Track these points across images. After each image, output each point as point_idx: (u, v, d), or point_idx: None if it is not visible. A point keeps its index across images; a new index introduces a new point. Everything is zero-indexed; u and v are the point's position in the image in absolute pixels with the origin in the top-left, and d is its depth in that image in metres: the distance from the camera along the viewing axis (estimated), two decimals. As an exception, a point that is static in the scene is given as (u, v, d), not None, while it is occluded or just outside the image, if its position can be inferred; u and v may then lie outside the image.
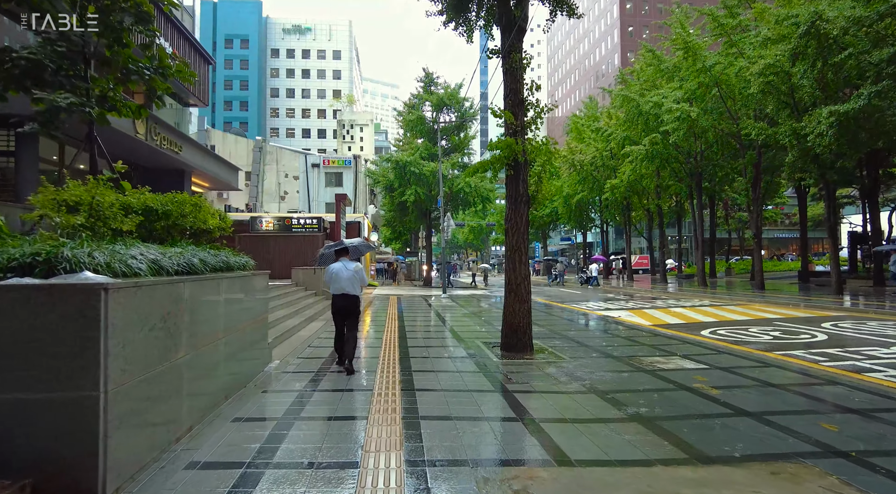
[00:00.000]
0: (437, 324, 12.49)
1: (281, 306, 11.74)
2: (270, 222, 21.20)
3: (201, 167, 13.39)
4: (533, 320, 8.22)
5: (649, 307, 16.59)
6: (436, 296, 22.19)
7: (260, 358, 6.57)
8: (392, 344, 9.05)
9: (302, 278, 16.44)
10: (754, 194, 22.93)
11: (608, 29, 70.92)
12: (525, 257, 8.60)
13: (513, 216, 8.56)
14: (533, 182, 8.29)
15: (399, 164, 28.23)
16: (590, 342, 9.54)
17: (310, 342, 9.20)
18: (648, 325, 12.23)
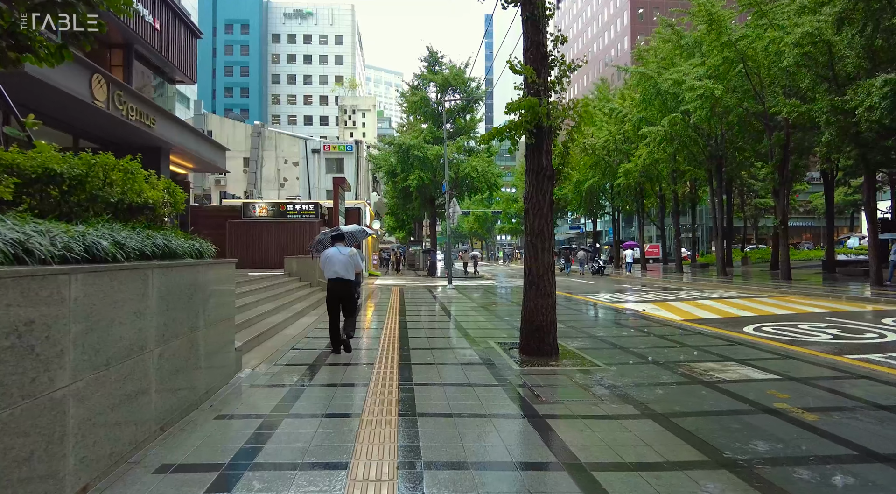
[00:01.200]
0: (444, 319, 11.16)
1: (267, 300, 10.43)
2: (264, 208, 19.88)
3: (181, 145, 12.03)
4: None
5: (673, 299, 15.22)
6: (441, 287, 20.88)
7: (224, 367, 5.26)
8: (391, 344, 7.72)
9: (296, 267, 15.13)
10: (781, 178, 21.41)
11: (617, 11, 68.80)
12: (549, 243, 7.24)
13: (534, 194, 7.19)
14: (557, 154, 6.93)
15: (402, 147, 26.80)
16: (621, 341, 8.19)
17: (295, 343, 7.88)
18: (680, 320, 10.90)
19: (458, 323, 10.27)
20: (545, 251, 7.17)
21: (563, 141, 7.62)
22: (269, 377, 5.69)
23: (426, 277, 29.37)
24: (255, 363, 6.30)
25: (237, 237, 18.28)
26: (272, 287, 12.01)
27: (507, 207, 61.28)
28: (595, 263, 29.61)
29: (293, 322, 9.79)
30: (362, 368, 6.25)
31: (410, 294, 17.24)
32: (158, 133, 10.73)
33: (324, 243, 7.60)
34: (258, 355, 6.79)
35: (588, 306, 13.91)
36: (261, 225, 18.69)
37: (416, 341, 8.17)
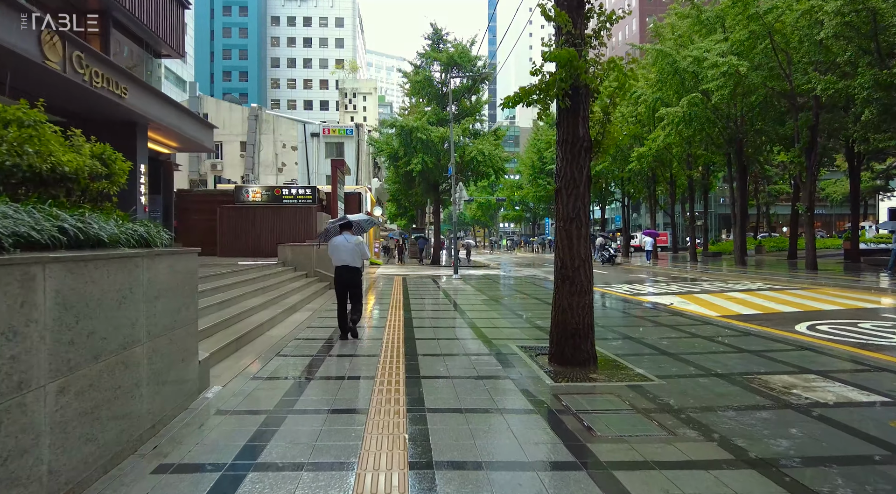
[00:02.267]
0: (454, 316, 9.98)
1: (254, 293, 9.25)
2: (258, 193, 18.65)
3: (160, 120, 10.77)
4: None
5: (699, 292, 14.03)
6: (446, 277, 19.69)
7: (181, 386, 4.08)
8: (394, 351, 6.54)
9: (290, 256, 13.94)
10: (808, 162, 20.10)
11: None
12: (586, 229, 6.02)
13: (568, 170, 5.97)
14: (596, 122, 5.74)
15: (404, 129, 25.44)
16: (664, 344, 7.00)
17: (282, 347, 6.69)
18: (717, 316, 9.73)
19: (471, 321, 9.08)
20: (581, 240, 5.96)
21: (603, 106, 6.37)
22: (242, 399, 4.50)
23: (429, 265, 28.19)
24: (229, 377, 5.13)
25: (228, 224, 17.09)
26: (262, 278, 10.83)
27: (510, 194, 59.93)
28: (606, 251, 28.38)
29: (283, 320, 8.62)
30: (362, 383, 5.07)
31: (414, 285, 16.07)
32: (132, 105, 9.48)
33: (332, 232, 7.71)
34: (234, 364, 5.61)
35: (609, 299, 12.71)
36: (254, 211, 17.48)
37: (424, 344, 6.99)
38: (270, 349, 6.44)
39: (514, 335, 7.63)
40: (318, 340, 7.16)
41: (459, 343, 7.04)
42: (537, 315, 9.66)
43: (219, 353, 5.57)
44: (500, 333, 7.81)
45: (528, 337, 7.50)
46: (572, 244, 5.93)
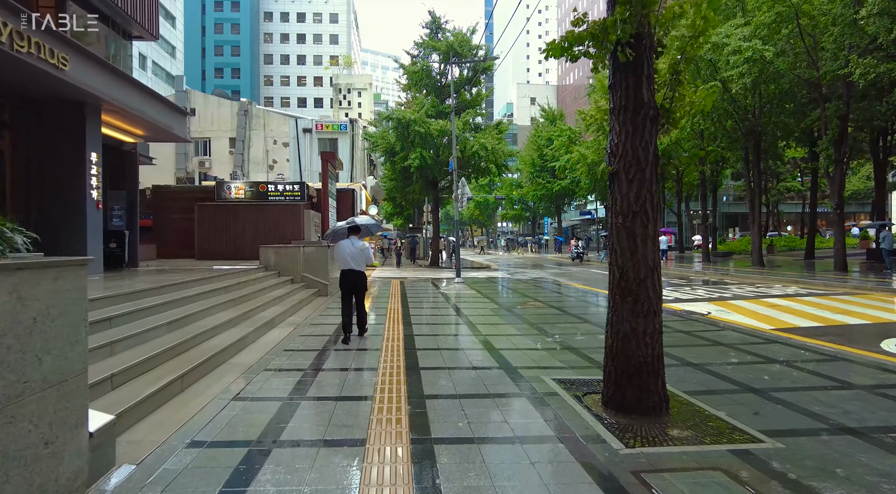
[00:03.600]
0: (464, 333, 8.38)
1: (223, 306, 7.64)
2: (241, 189, 17.00)
3: (116, 101, 9.11)
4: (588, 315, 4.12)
5: (731, 297, 12.52)
6: (447, 280, 18.10)
7: (55, 479, 2.48)
8: (394, 388, 4.95)
9: (274, 259, 12.32)
10: (837, 155, 18.62)
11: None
12: (654, 227, 4.47)
13: (629, 146, 4.43)
14: (662, 84, 4.39)
15: (401, 122, 23.80)
16: (735, 372, 5.43)
17: (244, 385, 5.08)
18: (772, 330, 8.24)
19: (486, 339, 7.49)
20: (648, 241, 4.40)
21: (672, 62, 4.81)
22: (161, 490, 2.90)
23: (428, 267, 26.60)
24: (154, 443, 3.52)
25: (207, 224, 15.46)
26: (237, 287, 9.21)
27: (509, 192, 58.34)
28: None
29: (255, 340, 7.00)
30: (346, 451, 3.47)
31: (413, 291, 14.47)
32: (76, 80, 7.85)
33: (339, 235, 7.71)
34: (169, 418, 4.00)
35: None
36: (236, 209, 15.83)
37: (431, 378, 5.39)
38: (227, 390, 4.82)
39: (543, 361, 6.05)
40: (295, 371, 5.56)
41: (477, 377, 5.45)
42: (562, 330, 8.09)
43: (147, 403, 3.97)
44: (525, 358, 6.22)
45: (562, 363, 5.93)
46: (636, 247, 4.36)
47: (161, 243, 16.78)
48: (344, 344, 7.02)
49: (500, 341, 7.30)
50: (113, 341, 4.67)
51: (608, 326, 4.56)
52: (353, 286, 7.39)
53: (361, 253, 7.42)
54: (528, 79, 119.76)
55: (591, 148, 33.65)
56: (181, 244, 16.44)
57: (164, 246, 16.70)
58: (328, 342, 7.21)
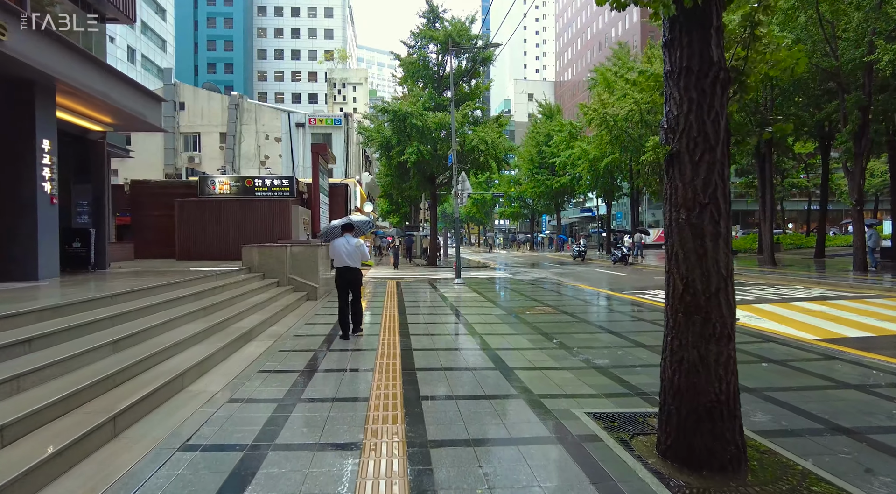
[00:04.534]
0: (471, 346, 7.33)
1: (192, 317, 6.58)
2: (226, 184, 15.90)
3: (74, 81, 8.01)
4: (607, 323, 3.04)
5: (754, 300, 11.54)
6: (446, 281, 17.07)
7: None
8: (389, 435, 3.90)
9: (258, 260, 11.24)
10: (857, 148, 17.65)
11: None
12: (727, 222, 3.45)
13: (693, 119, 3.42)
14: (733, 40, 3.53)
15: (398, 115, 22.73)
16: (810, 403, 4.41)
17: (196, 434, 4.02)
18: (816, 340, 7.30)
19: (496, 355, 6.45)
20: (720, 242, 3.38)
21: (746, 14, 3.76)
22: None
23: (426, 267, 25.56)
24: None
25: (189, 221, 14.35)
26: (212, 292, 8.14)
27: (507, 189, 57.25)
28: (618, 250, 25.86)
29: (226, 358, 5.95)
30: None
31: (411, 294, 13.43)
32: (19, 53, 6.76)
33: (333, 233, 7.82)
34: (83, 486, 2.95)
35: (655, 312, 10.12)
36: (220, 205, 14.73)
37: (435, 411, 4.35)
38: (176, 433, 3.77)
39: (568, 385, 5.02)
40: (267, 403, 4.52)
41: (493, 410, 4.42)
42: (582, 343, 7.06)
43: (51, 465, 2.92)
44: (546, 382, 5.19)
45: (592, 389, 4.90)
46: (704, 251, 3.34)
47: (140, 243, 15.67)
48: (343, 340, 7.19)
49: (512, 357, 6.26)
50: (23, 372, 3.61)
51: (666, 352, 3.53)
52: (349, 283, 7.55)
53: (356, 250, 7.55)
54: (525, 75, 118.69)
55: (594, 143, 32.63)
56: (162, 244, 15.33)
57: (143, 246, 15.59)
58: (312, 358, 6.16)
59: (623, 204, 50.85)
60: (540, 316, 9.50)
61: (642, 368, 5.74)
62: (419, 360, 6.06)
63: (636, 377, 5.35)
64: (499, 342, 7.22)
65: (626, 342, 7.19)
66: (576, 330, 8.12)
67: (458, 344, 7.13)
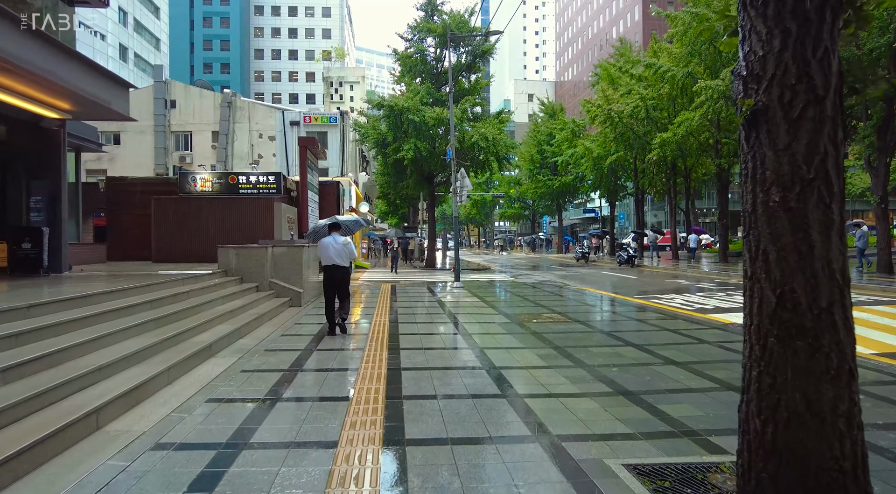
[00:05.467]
0: (471, 367, 6.26)
1: (136, 331, 5.52)
2: (208, 181, 14.84)
3: (13, 58, 6.99)
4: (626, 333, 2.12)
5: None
6: (443, 285, 16.02)
7: None
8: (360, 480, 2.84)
9: (235, 262, 10.18)
10: (880, 143, 16.65)
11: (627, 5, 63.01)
12: (840, 205, 2.37)
13: (790, 58, 2.30)
14: None
15: (394, 110, 21.67)
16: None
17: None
18: (871, 354, 6.24)
19: (502, 377, 5.38)
20: (833, 236, 2.30)
21: None
22: None
23: (423, 269, 24.51)
24: None
25: (166, 221, 13.28)
26: (174, 299, 7.08)
27: (508, 190, 56.19)
28: (625, 250, 24.80)
29: (170, 383, 4.87)
30: None
31: (406, 299, 12.38)
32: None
33: (320, 233, 7.99)
34: None
35: (682, 321, 9.05)
36: (199, 203, 13.67)
37: (427, 466, 3.28)
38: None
39: (596, 422, 3.95)
40: (202, 450, 3.45)
41: (499, 459, 3.35)
42: (602, 359, 5.98)
43: None
44: (568, 417, 4.12)
45: (626, 426, 3.83)
46: (810, 247, 2.29)
47: (117, 244, 14.62)
48: (329, 341, 7.10)
49: (521, 379, 5.20)
50: None
51: (750, 392, 2.48)
52: (337, 282, 7.52)
53: (344, 249, 7.55)
54: (525, 76, 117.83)
55: (597, 141, 31.62)
56: (140, 245, 14.26)
57: (119, 247, 14.54)
58: (279, 381, 5.09)
59: (625, 205, 49.79)
60: (548, 325, 8.43)
61: (682, 394, 4.68)
62: (408, 384, 4.99)
63: (677, 407, 4.29)
64: (504, 358, 6.15)
65: (652, 357, 6.13)
66: (591, 343, 7.05)
67: (456, 361, 6.06)
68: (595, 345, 6.88)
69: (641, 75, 27.15)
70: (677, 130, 23.17)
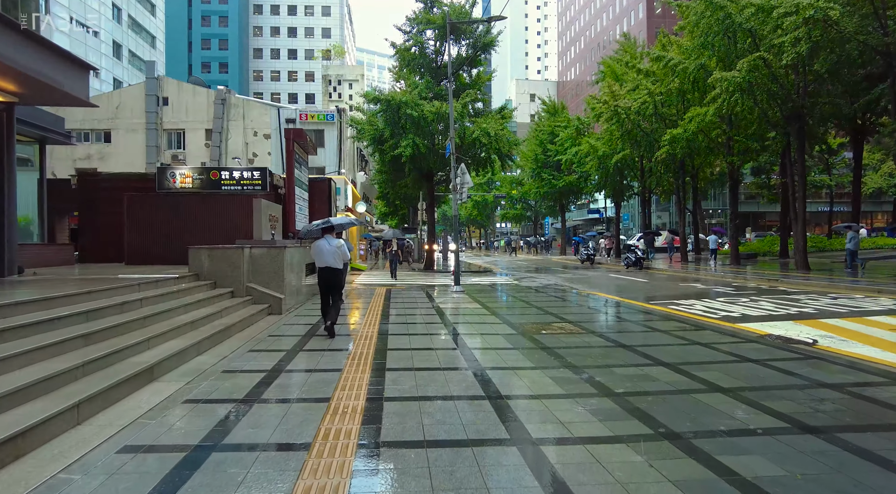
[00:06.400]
0: (470, 396, 5.15)
1: (54, 350, 4.43)
2: (188, 177, 13.77)
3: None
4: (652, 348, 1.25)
5: (816, 313, 9.39)
6: (443, 288, 14.93)
7: None
8: None
9: (208, 264, 9.10)
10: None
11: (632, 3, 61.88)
12: None
13: None
14: None
15: (391, 104, 20.63)
16: None
17: None
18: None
19: (515, 417, 4.29)
20: None
21: None
22: None
23: (422, 271, 23.42)
24: None
25: (140, 219, 12.19)
26: (121, 309, 5.99)
27: (509, 190, 55.08)
28: (632, 252, 23.68)
29: (79, 424, 3.77)
30: None
31: (401, 305, 11.29)
32: None
33: (313, 233, 8.34)
34: None
35: (708, 332, 7.93)
36: (177, 200, 12.58)
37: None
38: None
39: (641, 487, 2.86)
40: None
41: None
42: (630, 383, 4.88)
43: None
44: (602, 477, 3.01)
45: (689, 484, 2.74)
46: None
47: (90, 245, 13.55)
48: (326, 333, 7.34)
49: (536, 416, 4.09)
50: None
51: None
52: (331, 283, 7.65)
53: (338, 250, 7.70)
54: (527, 76, 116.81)
55: (603, 139, 30.54)
56: (116, 246, 13.17)
57: (93, 248, 13.47)
58: (224, 419, 3.99)
59: (628, 206, 48.71)
60: (560, 338, 7.33)
61: (746, 438, 3.58)
62: (390, 424, 3.89)
63: (746, 460, 3.20)
64: (511, 383, 5.05)
65: (691, 381, 5.03)
66: (613, 360, 5.95)
67: (453, 386, 4.96)
68: (618, 364, 5.78)
69: (649, 70, 26.07)
70: (688, 125, 22.10)
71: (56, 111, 12.66)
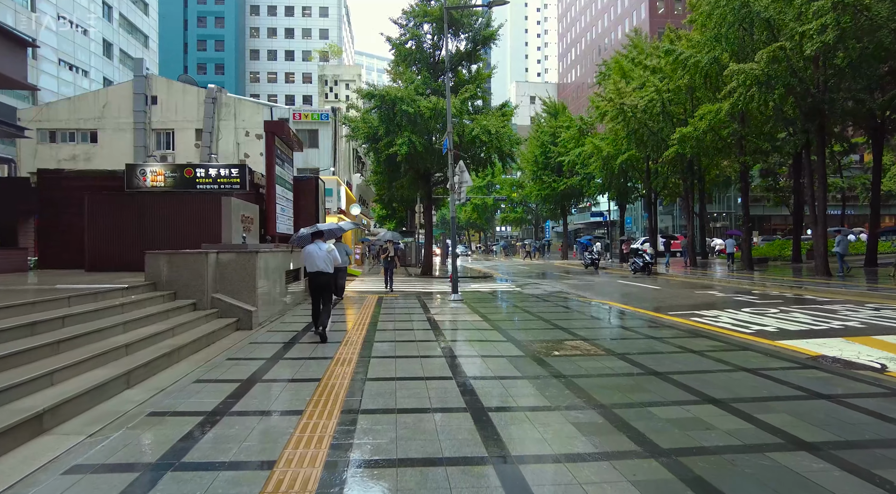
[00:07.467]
0: (468, 456, 3.92)
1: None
2: (160, 174, 12.54)
3: None
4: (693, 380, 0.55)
5: (864, 328, 8.18)
6: (440, 296, 13.72)
7: None
8: None
9: (167, 272, 7.87)
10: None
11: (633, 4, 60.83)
12: None
13: None
14: None
15: (386, 100, 19.46)
16: None
17: None
18: None
19: (520, 484, 3.06)
20: None
21: None
22: None
23: (419, 277, 22.21)
24: None
25: (103, 221, 10.96)
26: (31, 331, 4.77)
27: (510, 193, 53.91)
28: (640, 257, 22.48)
29: None
30: None
31: (391, 318, 10.07)
32: None
33: (304, 240, 8.08)
34: None
35: (755, 356, 6.72)
36: (144, 199, 11.34)
37: None
38: None
39: None
40: None
41: None
42: (686, 441, 3.64)
43: None
44: None
45: None
46: None
47: (51, 249, 12.33)
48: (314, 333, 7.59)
49: (562, 491, 2.88)
50: None
51: None
52: (322, 287, 7.68)
53: (329, 255, 7.75)
54: (527, 78, 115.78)
55: (607, 139, 29.39)
56: (79, 249, 11.93)
57: (54, 252, 12.26)
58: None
59: (631, 209, 47.50)
60: (577, 362, 6.10)
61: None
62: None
63: None
64: (523, 434, 3.82)
65: (758, 430, 3.81)
66: (652, 397, 4.71)
67: (444, 440, 3.72)
68: (656, 401, 4.55)
69: (657, 67, 24.93)
70: (699, 123, 20.93)
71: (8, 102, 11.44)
